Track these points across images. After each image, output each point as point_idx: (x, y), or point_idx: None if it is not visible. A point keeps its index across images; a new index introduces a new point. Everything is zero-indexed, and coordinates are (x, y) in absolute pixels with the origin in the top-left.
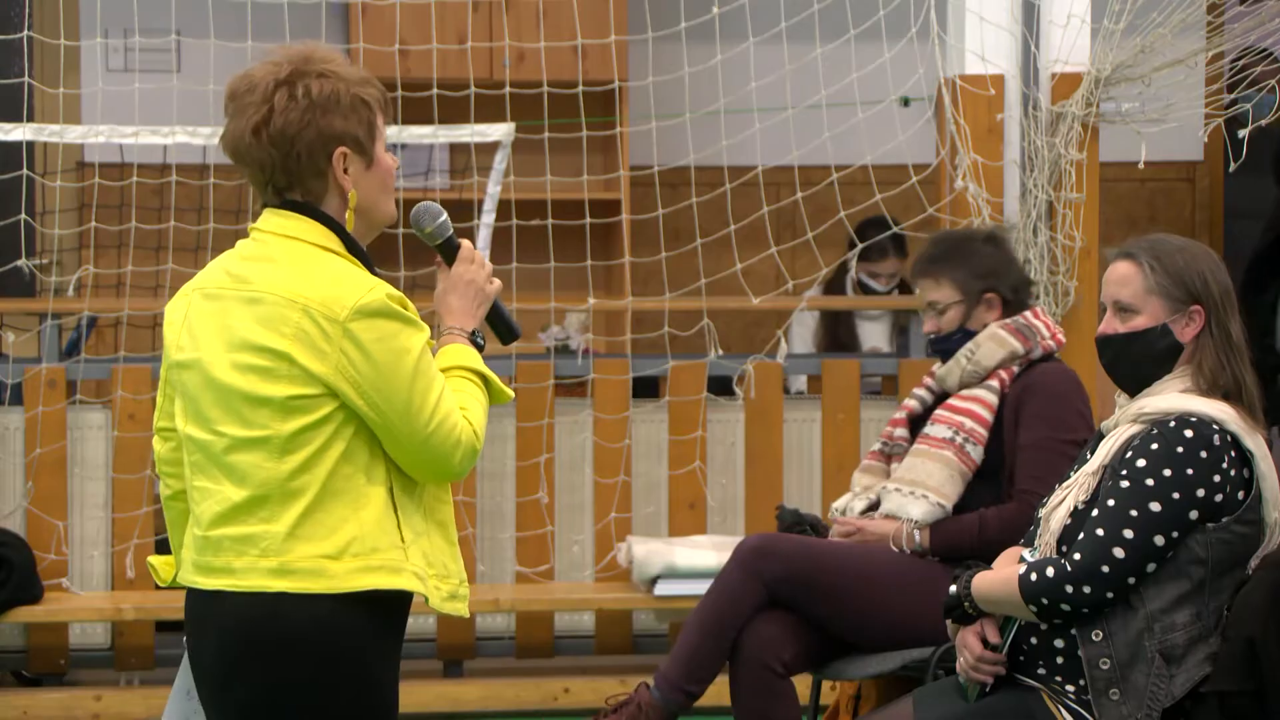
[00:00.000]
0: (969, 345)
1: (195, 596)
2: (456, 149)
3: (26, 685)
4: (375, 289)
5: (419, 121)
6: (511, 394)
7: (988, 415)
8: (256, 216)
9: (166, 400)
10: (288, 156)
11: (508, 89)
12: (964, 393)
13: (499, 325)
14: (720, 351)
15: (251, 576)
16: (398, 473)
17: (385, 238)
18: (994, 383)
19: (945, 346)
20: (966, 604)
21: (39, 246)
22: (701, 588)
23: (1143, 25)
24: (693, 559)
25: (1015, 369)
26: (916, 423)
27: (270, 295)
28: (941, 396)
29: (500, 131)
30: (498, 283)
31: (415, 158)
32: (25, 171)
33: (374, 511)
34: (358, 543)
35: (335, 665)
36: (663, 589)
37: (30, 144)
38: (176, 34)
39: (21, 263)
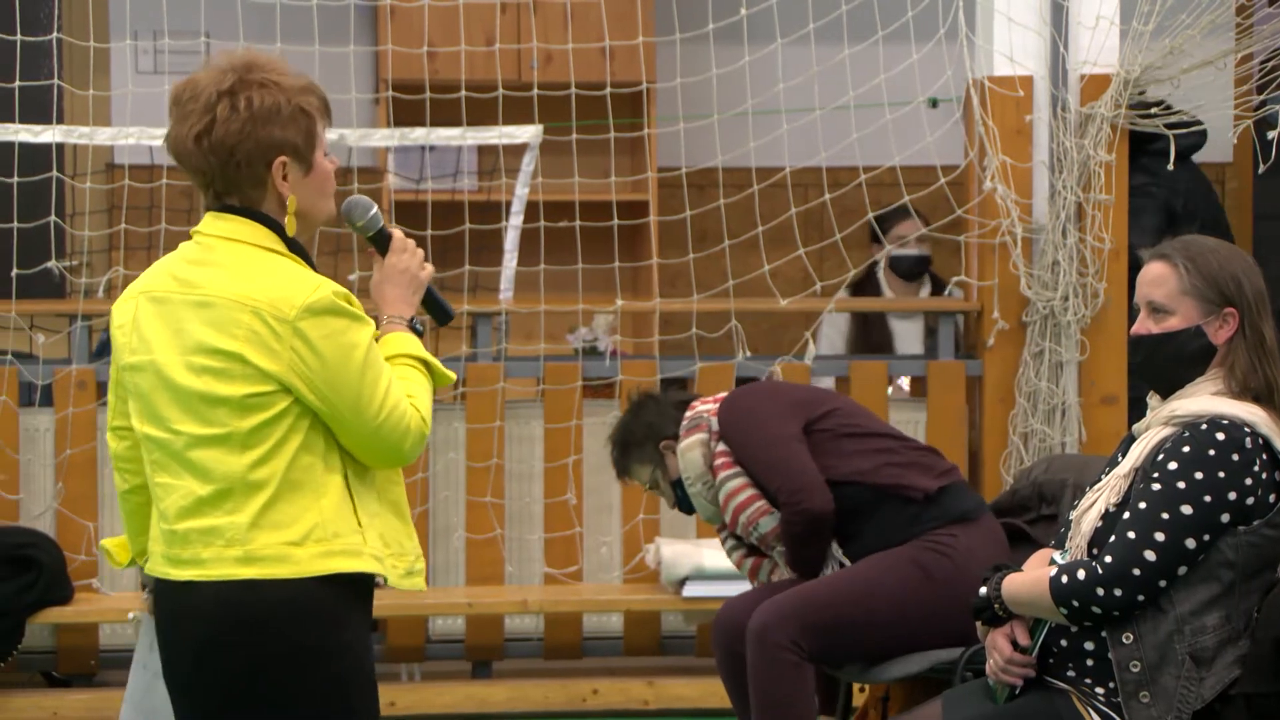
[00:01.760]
0: (684, 480)
1: (166, 587)
2: (484, 151)
3: (56, 686)
4: (321, 287)
5: (447, 123)
6: (453, 376)
7: (738, 488)
8: (199, 218)
9: (119, 400)
10: (226, 165)
11: (535, 90)
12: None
13: (434, 309)
14: (748, 353)
15: (219, 566)
16: (352, 460)
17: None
18: (715, 474)
19: (682, 506)
20: (996, 606)
21: (69, 248)
22: (729, 589)
23: (1171, 26)
24: (721, 561)
25: (719, 448)
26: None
27: (219, 299)
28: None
29: (528, 133)
30: (430, 268)
31: (443, 159)
32: (55, 173)
33: (333, 499)
34: (319, 529)
35: (308, 642)
36: (691, 590)
37: (60, 146)
38: (206, 36)
39: (51, 264)
